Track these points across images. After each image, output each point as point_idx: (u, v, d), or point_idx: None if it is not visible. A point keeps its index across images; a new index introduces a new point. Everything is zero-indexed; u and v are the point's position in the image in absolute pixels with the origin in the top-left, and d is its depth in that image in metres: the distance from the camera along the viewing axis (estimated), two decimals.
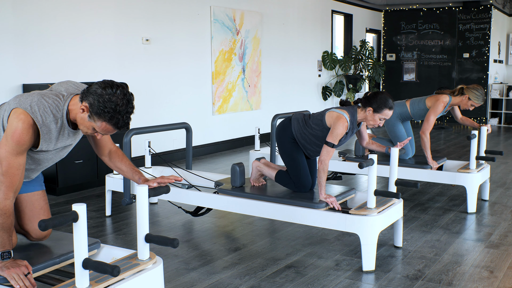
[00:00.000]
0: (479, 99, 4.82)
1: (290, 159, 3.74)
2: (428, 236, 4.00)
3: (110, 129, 2.19)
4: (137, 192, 2.24)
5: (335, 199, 3.43)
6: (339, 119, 3.45)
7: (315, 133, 3.64)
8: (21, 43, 5.25)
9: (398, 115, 5.12)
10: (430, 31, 12.29)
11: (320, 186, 3.44)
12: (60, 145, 2.33)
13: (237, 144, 8.31)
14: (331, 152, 3.44)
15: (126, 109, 2.15)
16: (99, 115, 2.14)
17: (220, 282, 3.13)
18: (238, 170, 3.87)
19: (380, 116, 3.49)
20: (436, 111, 4.83)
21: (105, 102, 2.11)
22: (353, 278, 3.19)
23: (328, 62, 10.58)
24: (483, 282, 3.14)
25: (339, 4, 11.06)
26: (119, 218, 4.47)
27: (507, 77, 13.67)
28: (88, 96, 2.15)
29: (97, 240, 2.55)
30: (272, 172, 3.85)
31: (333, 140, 3.44)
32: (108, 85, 2.14)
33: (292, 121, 3.77)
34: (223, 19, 7.82)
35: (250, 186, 3.93)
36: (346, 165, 5.18)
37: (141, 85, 6.56)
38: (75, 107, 2.23)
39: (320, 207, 3.43)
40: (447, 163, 5.10)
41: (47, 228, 1.88)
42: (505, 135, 10.29)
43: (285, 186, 3.79)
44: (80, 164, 5.32)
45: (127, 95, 2.16)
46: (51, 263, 2.36)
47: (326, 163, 3.42)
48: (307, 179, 3.71)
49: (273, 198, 3.62)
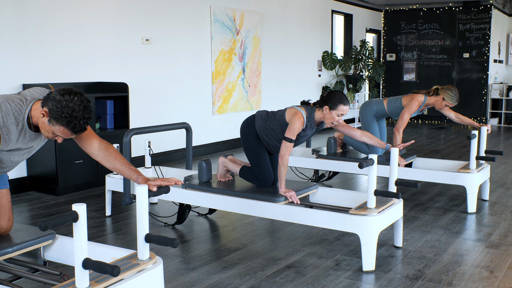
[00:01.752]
0: (453, 100, 4.98)
1: (253, 154, 3.89)
2: (428, 236, 4.00)
3: (68, 133, 2.32)
4: (137, 192, 2.24)
5: (294, 193, 3.58)
6: (295, 115, 3.63)
7: (275, 129, 3.79)
8: (21, 43, 5.25)
9: (374, 113, 5.30)
10: (430, 31, 12.29)
11: (280, 181, 3.61)
12: (22, 146, 2.44)
13: (237, 144, 8.31)
14: (290, 147, 3.60)
15: (83, 114, 2.29)
16: (57, 119, 2.27)
17: (220, 282, 3.13)
18: (205, 166, 4.02)
19: (337, 113, 3.64)
20: (410, 110, 4.99)
21: (63, 108, 2.25)
22: (353, 278, 3.19)
23: (328, 62, 10.59)
24: (483, 282, 3.14)
25: (339, 4, 11.06)
26: (119, 218, 4.47)
27: (507, 77, 13.67)
28: (48, 102, 2.28)
29: (52, 231, 2.69)
30: (236, 168, 4.01)
31: (291, 135, 3.60)
32: (67, 92, 2.28)
33: (255, 117, 3.93)
34: (223, 19, 7.82)
35: (217, 181, 4.08)
36: (346, 165, 5.18)
37: (141, 85, 6.56)
38: (37, 111, 2.37)
39: (279, 200, 3.58)
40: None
41: (47, 228, 1.88)
42: (505, 135, 10.29)
43: (249, 181, 3.95)
44: (80, 164, 5.32)
45: (84, 101, 2.29)
46: (4, 252, 2.50)
47: (285, 158, 3.59)
48: (269, 174, 3.86)
49: (236, 192, 3.78)
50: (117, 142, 5.51)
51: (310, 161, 5.39)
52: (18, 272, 2.56)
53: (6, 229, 2.69)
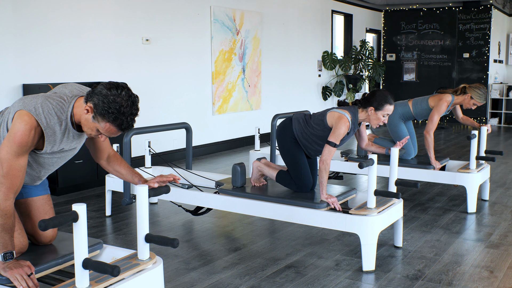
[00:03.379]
0: (481, 98, 4.81)
1: (291, 159, 3.74)
2: (428, 236, 4.00)
3: (114, 131, 2.19)
4: (137, 192, 2.24)
5: (336, 199, 3.43)
6: (341, 119, 3.47)
7: (316, 133, 3.65)
8: (21, 43, 5.25)
9: (400, 115, 5.12)
10: (430, 31, 12.29)
11: (322, 186, 3.44)
12: (65, 147, 2.33)
13: (237, 144, 8.31)
14: (333, 151, 3.45)
15: (131, 110, 2.15)
16: (103, 115, 2.13)
17: (220, 282, 3.13)
18: (239, 170, 3.87)
19: (383, 113, 3.51)
20: (440, 111, 4.83)
21: (110, 103, 2.11)
22: (353, 278, 3.19)
23: (328, 62, 10.58)
24: (483, 282, 3.14)
25: (339, 4, 11.06)
26: (119, 218, 4.47)
27: (507, 77, 13.67)
28: (93, 96, 2.15)
29: (99, 241, 2.55)
30: (273, 172, 3.85)
31: (335, 140, 3.45)
32: (114, 86, 2.14)
33: (293, 121, 3.78)
34: (223, 19, 7.82)
35: (251, 186, 3.93)
36: (346, 165, 5.18)
37: (141, 85, 6.56)
38: (79, 109, 2.23)
39: (321, 207, 3.43)
40: (449, 163, 5.11)
41: (47, 228, 1.88)
42: (505, 135, 10.29)
43: (286, 186, 3.79)
44: (80, 164, 5.32)
45: (132, 96, 2.16)
46: (54, 263, 2.36)
47: (327, 162, 3.43)
48: (308, 179, 3.71)
49: (273, 198, 3.62)
50: (117, 142, 5.51)
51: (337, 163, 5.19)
52: None
53: (51, 237, 2.55)
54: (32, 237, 2.53)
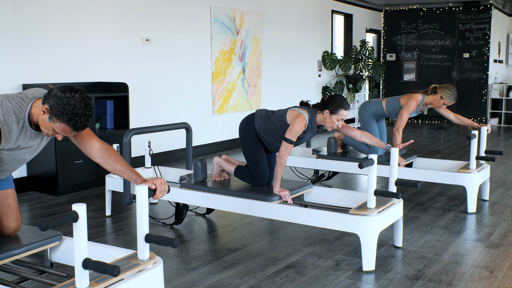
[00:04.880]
0: (451, 98, 4.96)
1: (250, 153, 3.89)
2: (428, 236, 4.00)
3: (69, 130, 2.31)
4: (137, 192, 2.24)
5: (288, 192, 3.61)
6: (298, 117, 3.60)
7: (276, 129, 3.78)
8: (21, 43, 5.25)
9: (373, 113, 5.29)
10: (430, 31, 12.29)
11: (276, 180, 3.62)
12: (22, 144, 2.44)
13: (237, 144, 8.31)
14: (290, 148, 3.60)
15: (84, 111, 2.29)
16: (58, 116, 2.27)
17: (220, 282, 3.13)
18: (200, 165, 4.03)
19: (337, 117, 3.64)
20: (409, 109, 4.98)
21: (64, 105, 2.25)
22: (353, 278, 3.19)
23: (328, 62, 10.58)
24: (483, 282, 3.14)
25: (339, 4, 11.06)
26: (119, 218, 4.47)
27: (507, 77, 13.67)
28: (49, 99, 2.28)
29: (59, 233, 2.68)
30: (231, 167, 4.01)
31: (291, 137, 3.59)
32: (68, 89, 2.28)
33: (255, 116, 3.91)
34: (223, 19, 7.82)
35: (212, 180, 4.09)
36: (346, 165, 5.18)
37: (141, 85, 6.56)
38: (37, 109, 2.37)
39: (273, 200, 3.60)
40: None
41: (47, 228, 1.88)
42: (505, 135, 10.29)
43: (244, 181, 3.97)
44: (80, 164, 5.32)
45: (85, 99, 2.30)
46: (11, 253, 2.49)
47: (284, 158, 3.59)
48: (265, 175, 3.87)
49: (231, 191, 3.79)
50: (117, 142, 5.51)
51: (310, 161, 5.39)
52: (25, 274, 2.53)
53: (14, 229, 2.68)
54: None
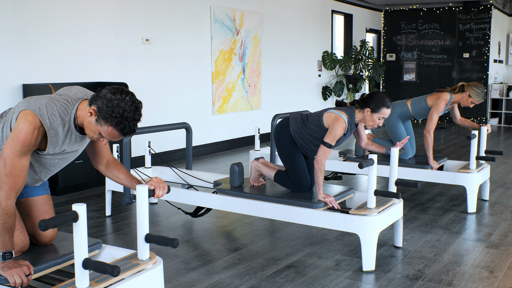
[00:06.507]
0: (479, 96, 4.79)
1: (289, 159, 3.74)
2: (428, 236, 4.00)
3: (116, 135, 2.20)
4: (137, 192, 2.24)
5: (333, 198, 3.44)
6: (337, 120, 3.46)
7: (313, 133, 3.64)
8: (21, 43, 5.25)
9: (399, 115, 5.10)
10: (430, 31, 12.29)
11: (318, 186, 3.45)
12: (67, 149, 2.34)
13: (237, 144, 8.31)
14: (328, 152, 3.45)
15: (134, 116, 2.17)
16: (106, 119, 2.15)
17: (220, 282, 3.13)
18: (237, 170, 3.87)
19: (379, 116, 3.51)
20: (439, 109, 4.82)
21: (114, 107, 2.13)
22: (353, 278, 3.19)
23: (328, 62, 10.58)
24: (483, 282, 3.14)
25: (339, 4, 11.06)
26: (119, 218, 4.47)
27: (507, 77, 13.67)
28: (97, 100, 2.16)
29: (99, 241, 2.55)
30: (271, 172, 3.85)
31: (331, 141, 3.45)
32: (118, 90, 2.16)
33: (290, 120, 3.77)
34: (223, 19, 7.82)
35: (249, 186, 3.93)
36: (346, 165, 5.18)
37: (141, 85, 6.56)
38: (83, 111, 2.25)
39: (319, 206, 3.43)
40: (447, 163, 5.11)
41: (47, 228, 1.88)
42: (505, 135, 10.29)
43: (284, 186, 3.79)
44: (80, 164, 5.32)
45: (135, 102, 2.18)
46: (53, 263, 2.37)
47: (322, 163, 3.43)
48: (306, 179, 3.71)
49: (272, 198, 3.61)
50: (117, 143, 5.51)
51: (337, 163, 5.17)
52: None
53: (51, 237, 2.55)
54: (32, 237, 2.52)
